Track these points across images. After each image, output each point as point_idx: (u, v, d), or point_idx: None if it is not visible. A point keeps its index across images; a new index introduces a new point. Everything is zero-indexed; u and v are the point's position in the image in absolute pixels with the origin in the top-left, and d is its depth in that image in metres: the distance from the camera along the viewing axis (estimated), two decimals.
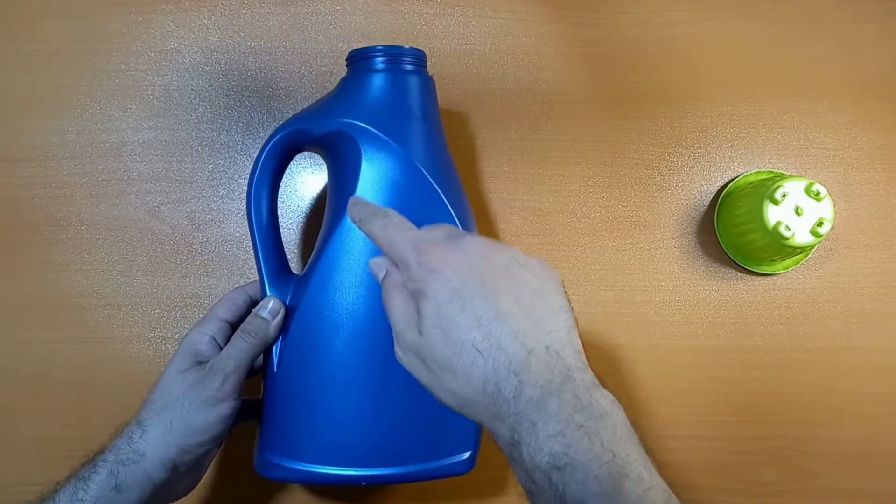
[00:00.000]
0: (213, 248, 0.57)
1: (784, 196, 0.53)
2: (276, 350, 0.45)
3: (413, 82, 0.47)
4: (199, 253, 0.57)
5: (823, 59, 0.62)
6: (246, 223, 0.57)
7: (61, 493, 0.39)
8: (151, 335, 0.56)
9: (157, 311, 0.56)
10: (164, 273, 0.57)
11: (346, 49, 0.60)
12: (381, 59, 0.46)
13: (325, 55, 0.59)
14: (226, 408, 0.42)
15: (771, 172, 0.60)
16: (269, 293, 0.46)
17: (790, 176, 0.56)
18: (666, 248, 0.59)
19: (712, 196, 0.60)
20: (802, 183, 0.53)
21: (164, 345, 0.56)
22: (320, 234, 0.47)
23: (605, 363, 0.58)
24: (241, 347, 0.43)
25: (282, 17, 0.60)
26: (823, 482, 0.58)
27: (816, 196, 0.53)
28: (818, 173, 0.61)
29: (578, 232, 0.59)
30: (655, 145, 0.60)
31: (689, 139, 0.61)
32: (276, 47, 0.59)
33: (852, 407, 0.59)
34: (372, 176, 0.45)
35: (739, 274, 0.60)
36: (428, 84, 0.48)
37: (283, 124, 0.47)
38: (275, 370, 0.45)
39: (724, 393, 0.58)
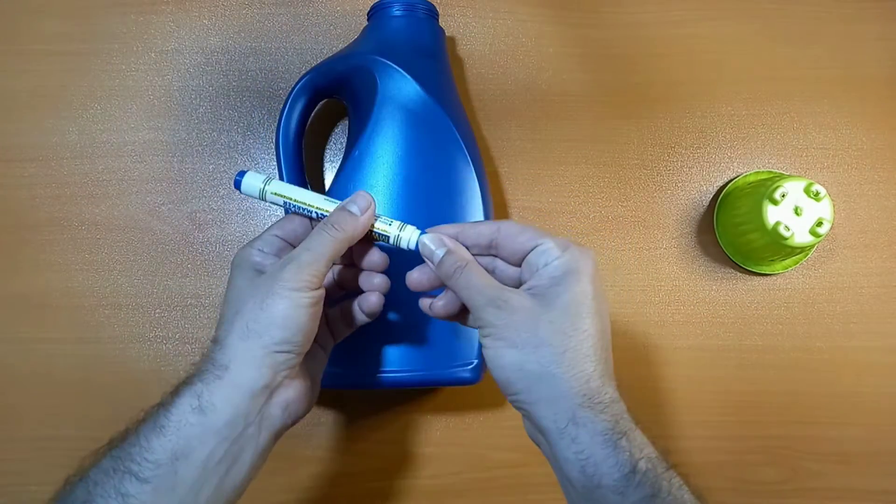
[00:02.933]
0: (213, 248, 0.57)
1: (783, 196, 0.53)
2: None
3: (425, 26, 0.53)
4: (199, 253, 0.57)
5: (823, 59, 0.62)
6: (245, 223, 0.57)
7: (143, 428, 0.35)
8: (151, 335, 0.56)
9: (157, 311, 0.56)
10: (164, 273, 0.57)
11: None
12: (397, 7, 0.53)
13: (325, 55, 0.59)
14: (304, 298, 0.37)
15: (770, 172, 0.60)
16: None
17: (790, 176, 0.56)
18: (665, 248, 0.59)
19: (712, 196, 0.60)
20: (802, 183, 0.53)
21: (164, 345, 0.56)
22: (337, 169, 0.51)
23: None
24: (322, 240, 0.38)
25: (282, 17, 0.60)
26: (823, 482, 0.58)
27: (816, 196, 0.53)
28: (818, 173, 0.61)
29: (578, 232, 0.59)
30: (655, 145, 0.60)
31: (688, 139, 0.61)
32: (276, 47, 0.59)
33: (852, 407, 0.59)
34: (387, 104, 0.49)
35: (739, 274, 0.60)
36: (439, 31, 0.54)
37: (308, 70, 0.52)
38: None
39: (724, 393, 0.58)
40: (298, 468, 0.56)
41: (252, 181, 0.42)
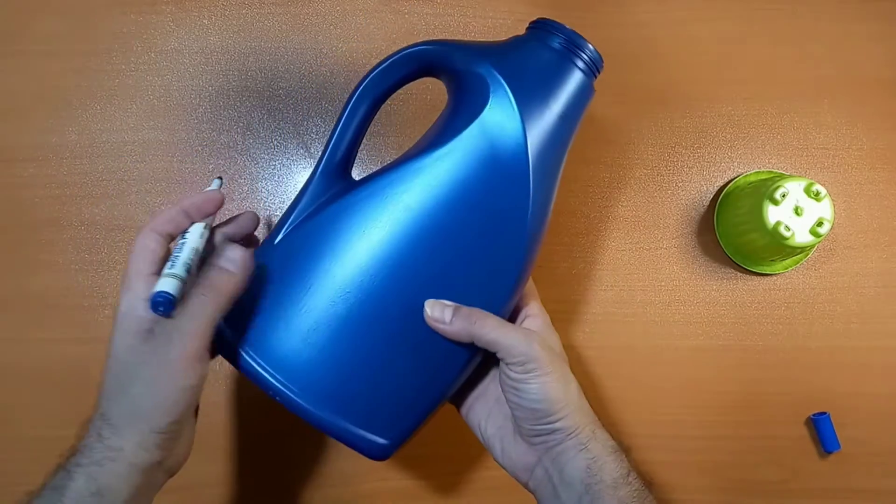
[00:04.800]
0: None
1: (784, 196, 0.53)
2: (289, 222, 0.43)
3: (575, 81, 0.44)
4: None
5: (823, 59, 0.62)
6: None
7: None
8: None
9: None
10: None
11: (346, 49, 0.60)
12: (561, 40, 0.44)
13: (325, 55, 0.59)
14: (191, 379, 0.37)
15: (771, 172, 0.60)
16: (313, 182, 0.44)
17: (790, 176, 0.56)
18: (666, 248, 0.59)
19: (712, 196, 0.60)
20: (802, 183, 0.53)
21: None
22: (400, 156, 0.45)
23: (604, 363, 0.58)
24: (201, 305, 0.37)
25: (282, 17, 0.60)
26: (823, 482, 0.58)
27: (816, 196, 0.53)
28: (818, 173, 0.61)
29: (578, 232, 0.59)
30: (656, 145, 0.60)
31: (688, 139, 0.61)
32: (276, 47, 0.59)
33: (852, 407, 0.59)
34: (480, 133, 0.42)
35: (739, 274, 0.60)
36: (587, 92, 0.45)
37: (430, 41, 0.45)
38: (275, 242, 0.43)
39: (724, 392, 0.58)
40: (298, 468, 0.56)
41: (170, 285, 0.38)
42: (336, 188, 0.44)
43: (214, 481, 0.55)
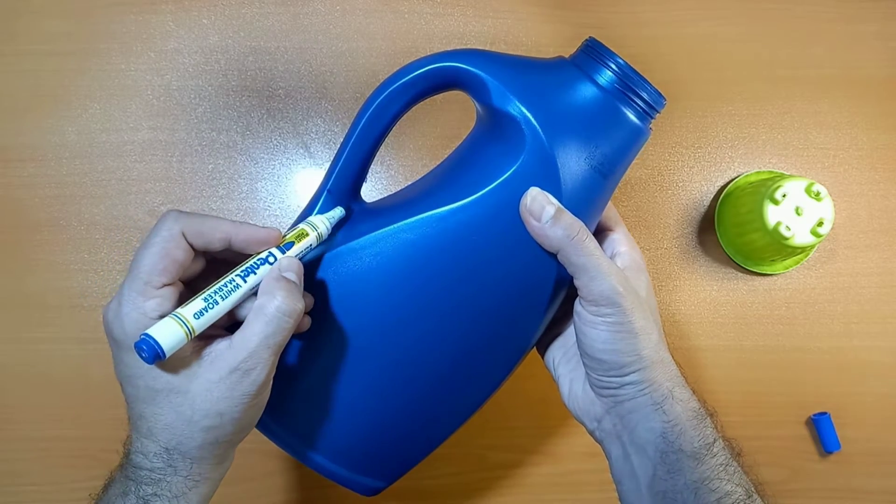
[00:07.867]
0: None
1: (784, 196, 0.53)
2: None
3: (628, 129, 0.38)
4: None
5: (823, 59, 0.62)
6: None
7: None
8: None
9: None
10: None
11: (346, 49, 0.60)
12: (614, 79, 0.38)
13: (325, 55, 0.59)
14: (265, 395, 0.36)
15: (771, 172, 0.60)
16: (319, 204, 0.40)
17: (790, 176, 0.56)
18: (666, 248, 0.59)
19: (712, 196, 0.60)
20: (803, 183, 0.53)
21: None
22: (416, 182, 0.42)
23: None
24: (283, 327, 0.34)
25: (282, 17, 0.60)
26: (823, 482, 0.58)
27: (817, 196, 0.53)
28: (818, 173, 0.61)
29: None
30: (655, 145, 0.60)
31: (689, 139, 0.61)
32: (276, 47, 0.59)
33: (852, 407, 0.59)
34: (510, 187, 0.37)
35: (740, 274, 0.60)
36: (640, 140, 0.39)
37: (457, 54, 0.38)
38: None
39: (724, 393, 0.58)
40: (297, 468, 0.56)
41: (168, 335, 0.32)
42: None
43: None
